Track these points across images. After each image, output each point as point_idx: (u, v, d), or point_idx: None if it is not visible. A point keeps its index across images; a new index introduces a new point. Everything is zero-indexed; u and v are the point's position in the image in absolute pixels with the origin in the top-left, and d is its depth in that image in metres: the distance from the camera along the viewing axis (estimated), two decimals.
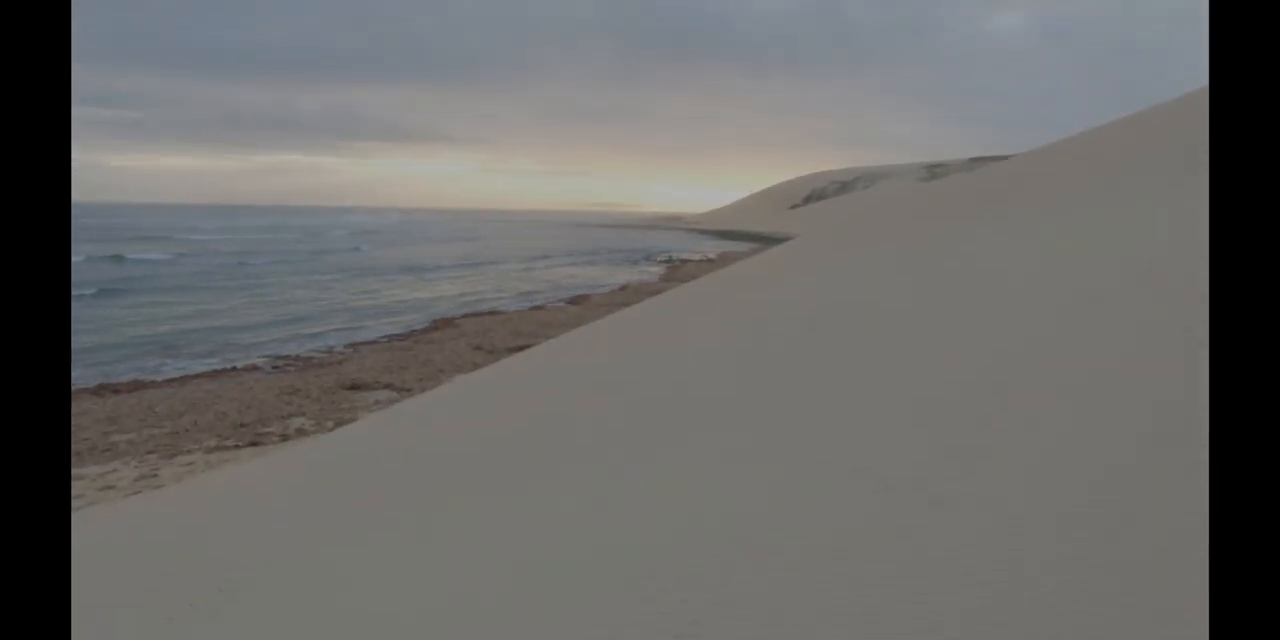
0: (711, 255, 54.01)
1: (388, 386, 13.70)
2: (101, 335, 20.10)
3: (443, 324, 22.47)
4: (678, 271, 40.02)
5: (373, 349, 18.37)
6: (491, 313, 24.93)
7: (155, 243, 57.77)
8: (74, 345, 18.75)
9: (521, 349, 15.76)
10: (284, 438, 10.47)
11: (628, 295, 28.39)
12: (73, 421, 11.79)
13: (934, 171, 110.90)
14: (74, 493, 8.39)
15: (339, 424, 10.74)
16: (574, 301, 27.74)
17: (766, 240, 73.17)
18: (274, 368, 16.40)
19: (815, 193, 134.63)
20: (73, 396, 13.95)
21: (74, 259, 39.64)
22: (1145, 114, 13.81)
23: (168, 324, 22.29)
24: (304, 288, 31.41)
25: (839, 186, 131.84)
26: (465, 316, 23.96)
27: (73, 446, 10.43)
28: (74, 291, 26.76)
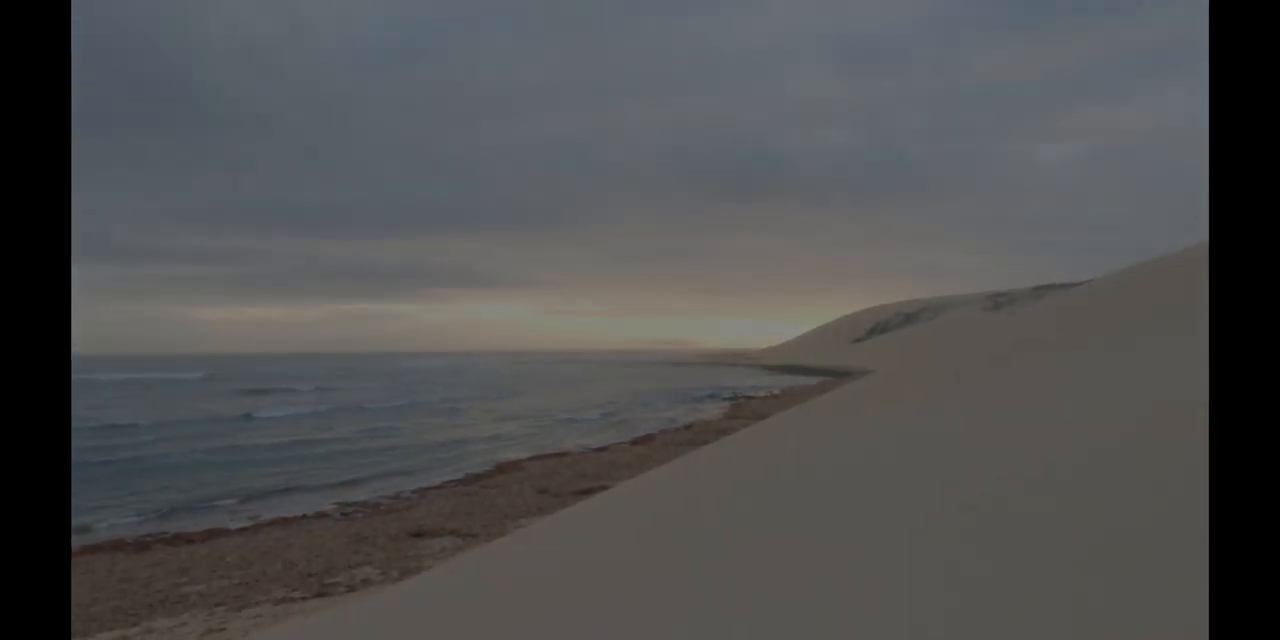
0: (776, 391, 53.59)
1: (453, 533, 13.62)
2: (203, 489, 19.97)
3: (507, 467, 22.48)
4: (743, 409, 39.70)
5: (439, 494, 18.40)
6: (557, 454, 24.90)
7: (270, 396, 57.55)
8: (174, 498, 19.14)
9: (587, 492, 15.59)
10: (350, 588, 10.39)
11: (693, 434, 28.14)
12: (146, 573, 11.93)
13: (998, 301, 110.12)
14: None
15: (404, 573, 10.64)
16: (639, 442, 27.55)
17: (831, 374, 72.70)
18: (343, 514, 16.49)
19: (879, 325, 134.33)
20: (148, 546, 14.17)
21: (195, 417, 39.36)
22: (1199, 246, 13.73)
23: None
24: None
25: (903, 319, 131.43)
26: (530, 459, 23.97)
27: (144, 599, 10.50)
28: (192, 456, 26.65)
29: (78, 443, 28.68)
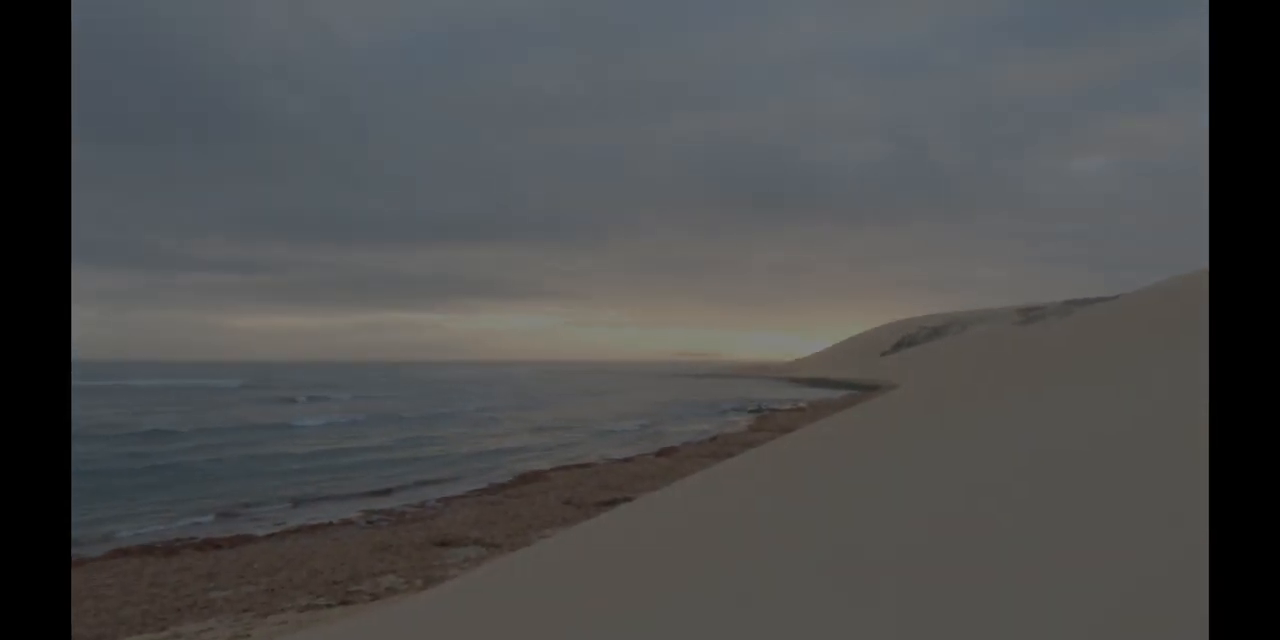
0: (802, 404, 53.27)
1: (477, 542, 13.69)
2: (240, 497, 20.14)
3: (531, 477, 22.54)
4: (768, 421, 39.50)
5: (463, 503, 18.50)
6: (581, 465, 24.93)
7: (308, 404, 57.93)
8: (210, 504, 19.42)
9: (611, 503, 15.61)
10: (374, 596, 10.47)
11: (717, 446, 28.05)
12: (175, 577, 12.11)
13: (1028, 315, 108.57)
14: None
15: (428, 582, 10.71)
16: (663, 453, 27.50)
17: (857, 388, 72.13)
18: (369, 522, 16.63)
19: (906, 339, 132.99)
20: (177, 551, 14.40)
21: (233, 425, 39.15)
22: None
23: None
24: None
25: (930, 332, 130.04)
26: (555, 469, 24.02)
27: (173, 603, 10.67)
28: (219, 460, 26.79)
29: (119, 448, 29.24)
